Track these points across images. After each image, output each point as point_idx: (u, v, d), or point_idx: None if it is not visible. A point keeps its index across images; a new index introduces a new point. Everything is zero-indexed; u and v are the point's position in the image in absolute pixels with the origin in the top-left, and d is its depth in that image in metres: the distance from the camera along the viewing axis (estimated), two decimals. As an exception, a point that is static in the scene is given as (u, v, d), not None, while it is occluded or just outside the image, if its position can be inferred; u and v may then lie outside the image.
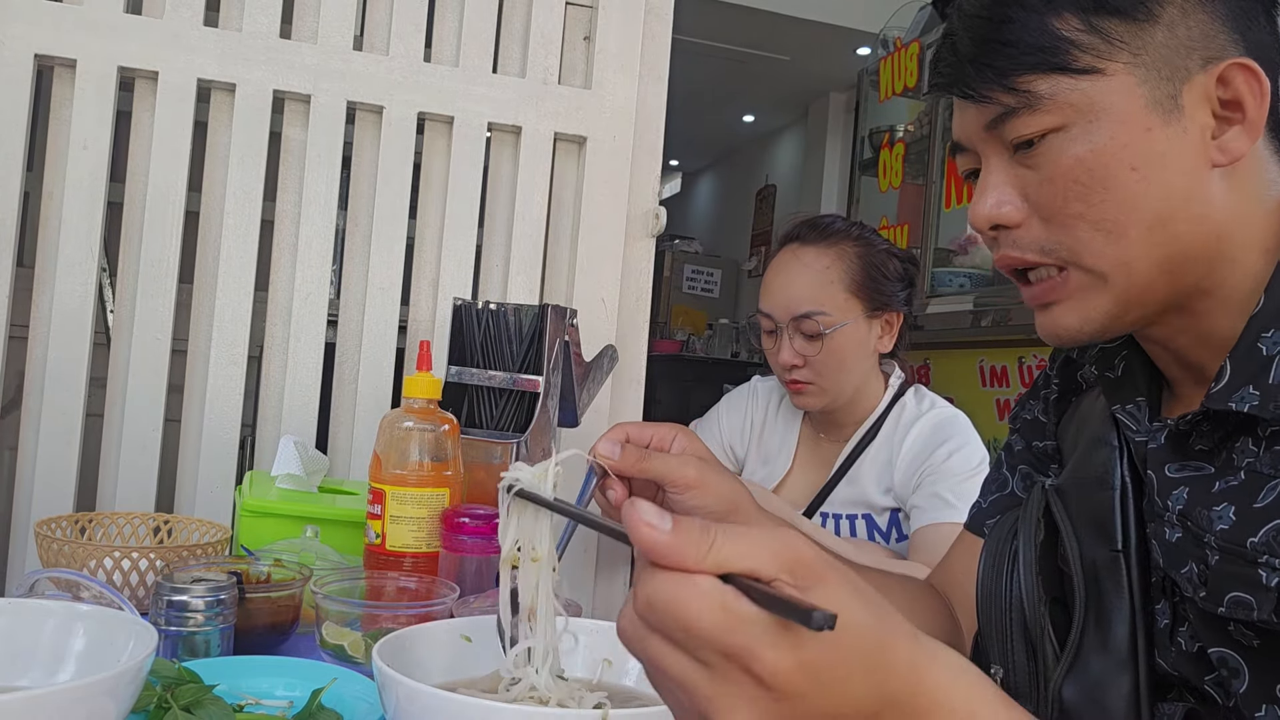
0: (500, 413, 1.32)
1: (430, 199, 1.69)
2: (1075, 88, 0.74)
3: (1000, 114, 0.76)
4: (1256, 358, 0.72)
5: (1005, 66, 0.75)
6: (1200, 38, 0.74)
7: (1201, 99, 0.74)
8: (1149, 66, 0.73)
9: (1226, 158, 0.74)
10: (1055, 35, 0.74)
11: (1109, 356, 0.87)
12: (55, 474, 1.48)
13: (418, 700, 0.66)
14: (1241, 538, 0.70)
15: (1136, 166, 0.73)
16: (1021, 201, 0.78)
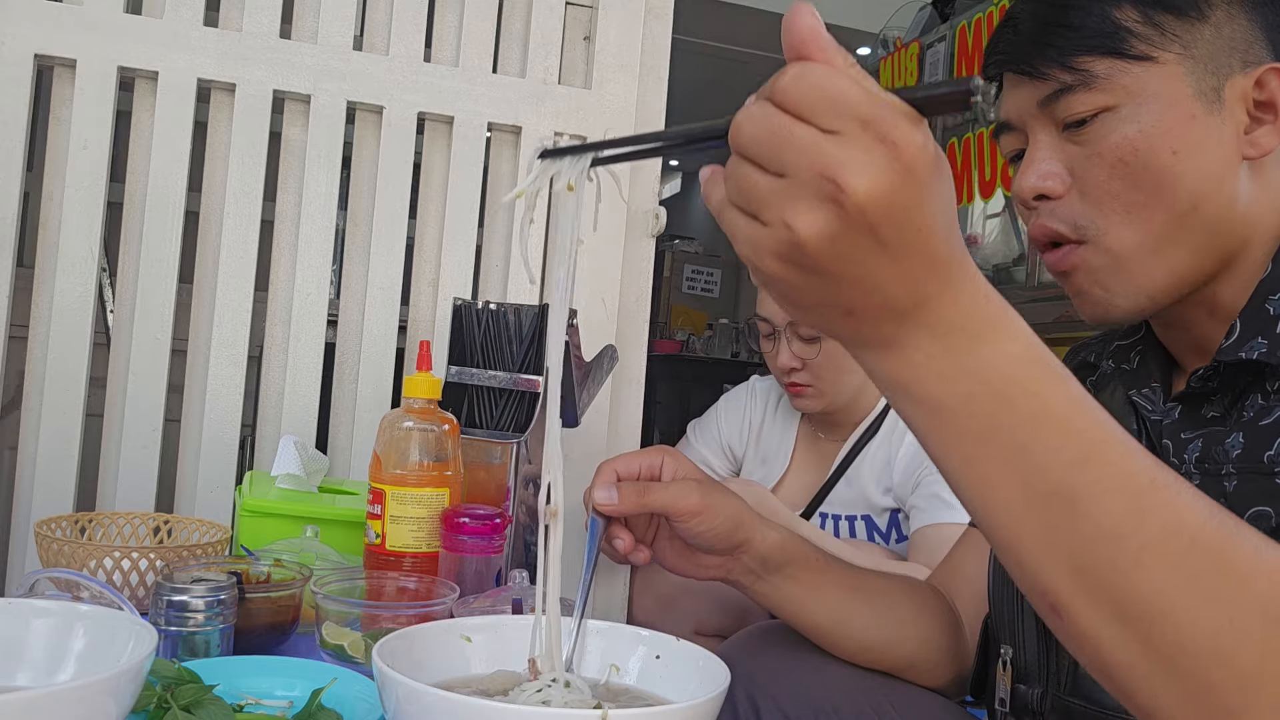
0: (500, 413, 1.32)
1: (430, 199, 1.68)
2: (1129, 71, 0.79)
3: (1056, 90, 0.81)
4: (1264, 316, 0.78)
5: (1066, 46, 0.81)
6: (1242, 41, 0.80)
7: (1239, 97, 0.80)
8: (1196, 60, 0.79)
9: (1257, 151, 0.80)
10: (1115, 23, 0.80)
11: (1125, 351, 0.92)
12: (55, 474, 1.48)
13: (418, 700, 0.66)
14: (1258, 455, 0.74)
15: (1177, 150, 0.78)
16: (1067, 175, 0.83)
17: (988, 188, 3.26)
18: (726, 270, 7.50)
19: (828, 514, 1.60)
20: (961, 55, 3.44)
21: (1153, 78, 0.79)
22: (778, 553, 0.95)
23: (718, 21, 5.06)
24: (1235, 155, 0.80)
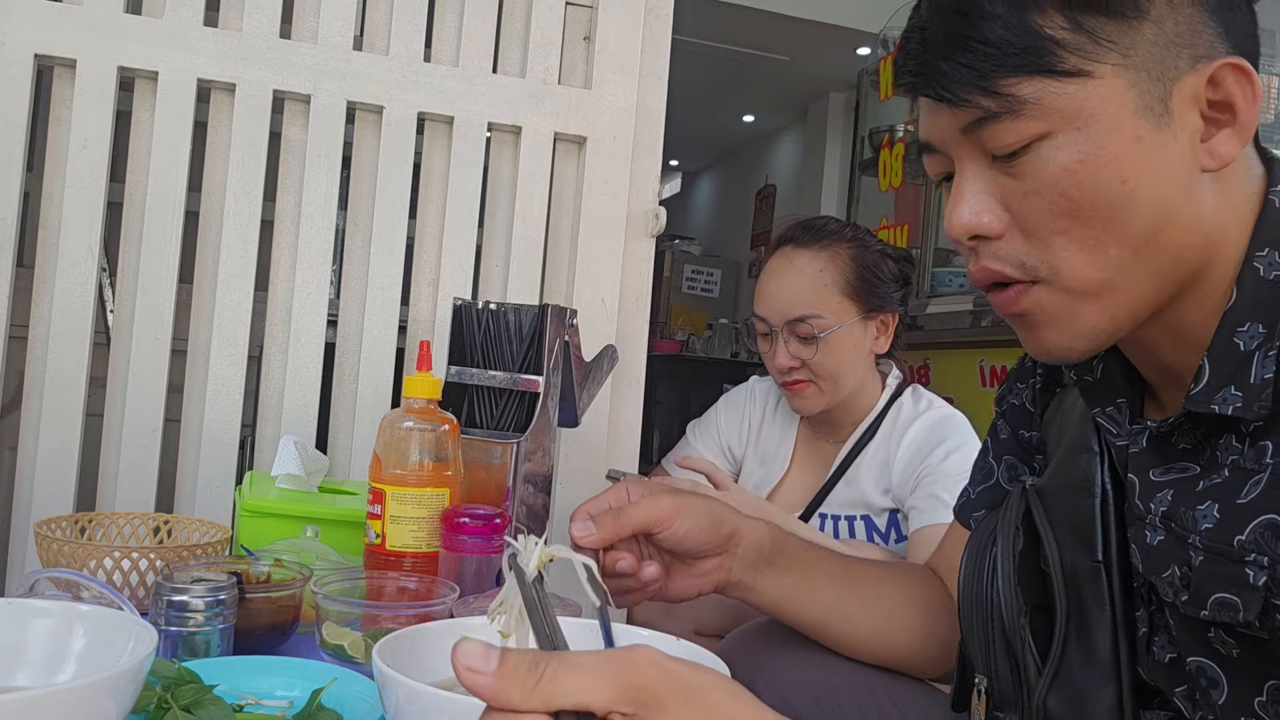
0: (500, 413, 1.32)
1: (430, 199, 1.69)
2: (1061, 92, 0.68)
3: (978, 118, 0.71)
4: (1234, 354, 0.70)
5: (985, 67, 0.69)
6: (1188, 33, 0.69)
7: (1190, 100, 0.70)
8: (1138, 68, 0.69)
9: (1217, 163, 0.70)
10: (1039, 34, 0.68)
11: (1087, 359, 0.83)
12: (55, 474, 1.48)
13: (418, 700, 0.66)
14: (1228, 536, 0.68)
15: (1127, 179, 0.69)
16: (1002, 210, 0.73)
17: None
18: (726, 270, 7.51)
19: (827, 514, 1.61)
20: (961, 55, 3.44)
21: (1089, 96, 0.68)
22: (768, 540, 0.95)
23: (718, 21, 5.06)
24: (1193, 170, 0.70)
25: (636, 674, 0.47)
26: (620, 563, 0.88)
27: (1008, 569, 0.86)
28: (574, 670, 0.46)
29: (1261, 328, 0.70)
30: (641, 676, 0.47)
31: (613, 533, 0.87)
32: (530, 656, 0.47)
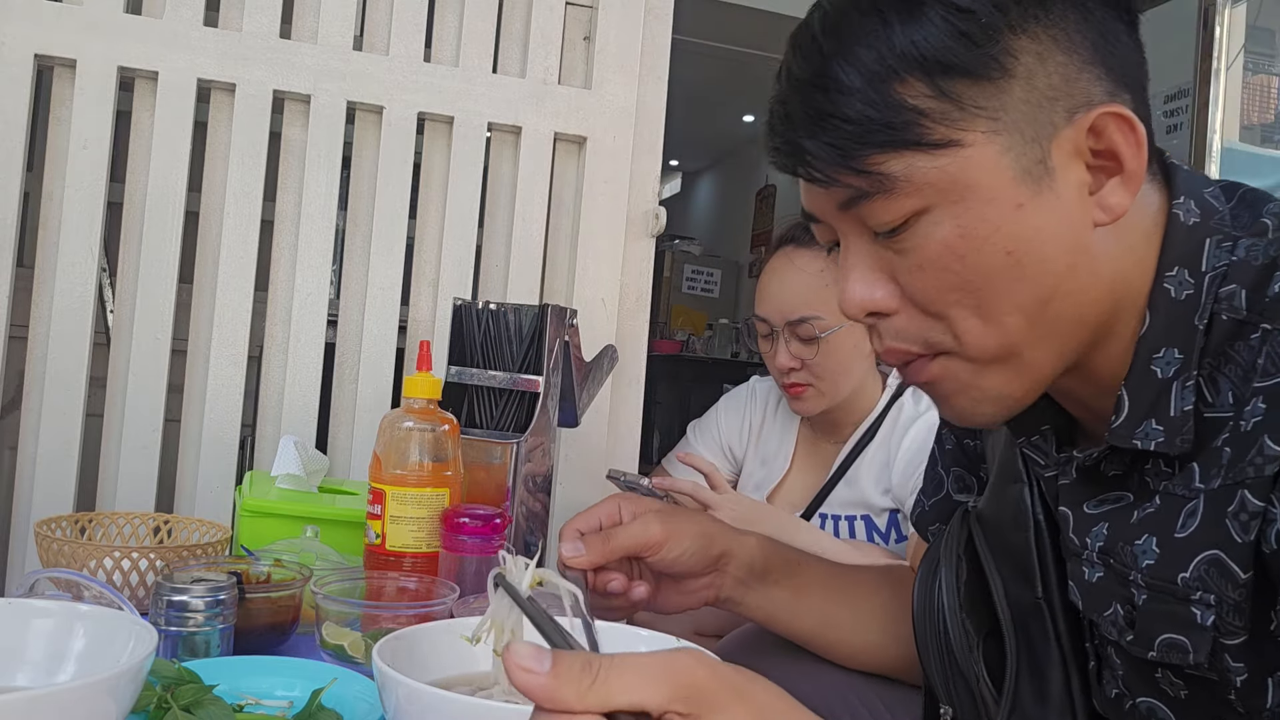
0: (500, 413, 1.32)
1: (430, 199, 1.69)
2: (933, 165, 0.65)
3: (851, 197, 0.68)
4: (1152, 382, 0.68)
5: (848, 146, 0.66)
6: (1062, 84, 0.66)
7: (1072, 154, 0.66)
8: (1011, 130, 0.65)
9: (1109, 216, 0.67)
10: (901, 105, 0.64)
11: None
12: (55, 474, 1.48)
13: (418, 700, 0.66)
14: (1171, 573, 0.65)
15: (1012, 250, 0.65)
16: (894, 285, 0.70)
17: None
18: (726, 270, 7.51)
19: (828, 514, 1.61)
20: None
21: (963, 166, 0.64)
22: (759, 556, 0.95)
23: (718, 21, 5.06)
24: (1083, 227, 0.67)
25: (690, 673, 0.47)
26: (611, 583, 0.88)
27: (953, 602, 0.85)
28: (628, 670, 0.46)
29: (1178, 352, 0.67)
30: (694, 676, 0.47)
31: (601, 555, 0.87)
32: (583, 657, 0.46)
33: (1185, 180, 0.71)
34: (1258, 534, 0.61)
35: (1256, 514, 0.61)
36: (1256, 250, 0.67)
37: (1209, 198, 0.71)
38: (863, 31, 0.66)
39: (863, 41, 0.66)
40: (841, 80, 0.66)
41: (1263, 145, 2.69)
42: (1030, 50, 0.65)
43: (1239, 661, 0.64)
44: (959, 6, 0.64)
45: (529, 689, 0.46)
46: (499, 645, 0.70)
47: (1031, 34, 0.65)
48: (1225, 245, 0.68)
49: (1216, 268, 0.68)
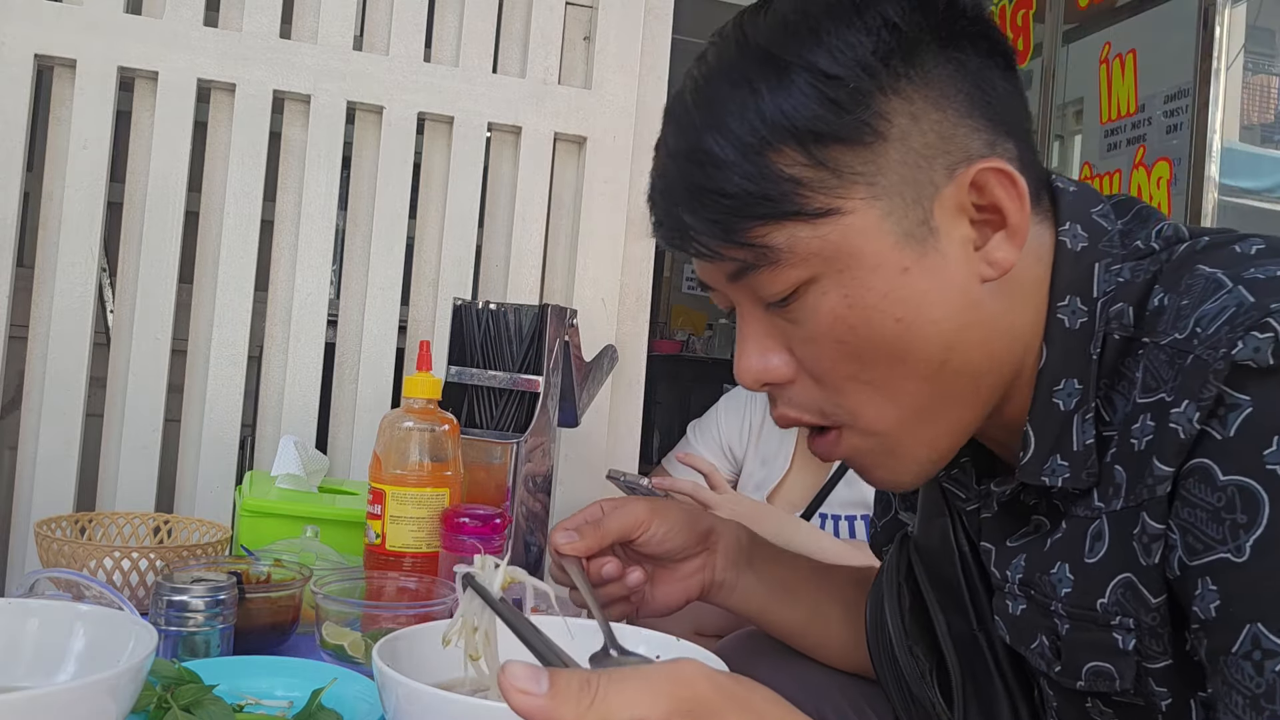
0: (500, 413, 1.32)
1: (430, 199, 1.68)
2: (815, 234, 0.64)
3: (737, 269, 0.66)
4: (1055, 416, 0.67)
5: (727, 221, 0.65)
6: (938, 141, 0.65)
7: (955, 211, 0.65)
8: (891, 193, 0.64)
9: (996, 271, 0.66)
10: (777, 176, 0.63)
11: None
12: (55, 474, 1.48)
13: (418, 701, 0.66)
14: (1089, 600, 0.65)
15: (901, 316, 0.64)
16: (789, 355, 0.69)
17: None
18: (726, 270, 7.49)
19: (827, 514, 1.61)
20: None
21: (845, 234, 0.63)
22: (745, 539, 0.95)
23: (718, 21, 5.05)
24: (972, 285, 0.66)
25: (689, 685, 0.47)
26: (606, 567, 0.88)
27: (899, 632, 0.85)
28: (626, 686, 0.46)
29: (1077, 383, 0.67)
30: (694, 687, 0.47)
31: (595, 541, 0.87)
32: (580, 675, 0.46)
33: (1071, 204, 0.70)
34: (1161, 557, 0.61)
35: (1158, 536, 0.61)
36: (1141, 269, 0.67)
37: (1097, 218, 0.70)
38: (733, 102, 0.65)
39: (733, 113, 0.65)
40: (716, 154, 0.65)
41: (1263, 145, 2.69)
42: (903, 111, 0.64)
43: (1163, 686, 0.63)
44: (826, 73, 0.63)
45: (527, 711, 0.45)
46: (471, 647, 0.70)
47: (904, 94, 0.64)
48: (1114, 268, 0.68)
49: (1107, 291, 0.67)
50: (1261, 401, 0.56)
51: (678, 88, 0.71)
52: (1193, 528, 0.58)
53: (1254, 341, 0.56)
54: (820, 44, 0.64)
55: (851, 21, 0.64)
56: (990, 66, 0.68)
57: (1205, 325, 0.60)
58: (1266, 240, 0.66)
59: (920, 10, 0.66)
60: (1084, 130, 2.96)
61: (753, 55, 0.66)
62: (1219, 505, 0.56)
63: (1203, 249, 0.66)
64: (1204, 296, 0.61)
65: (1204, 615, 0.57)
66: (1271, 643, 0.54)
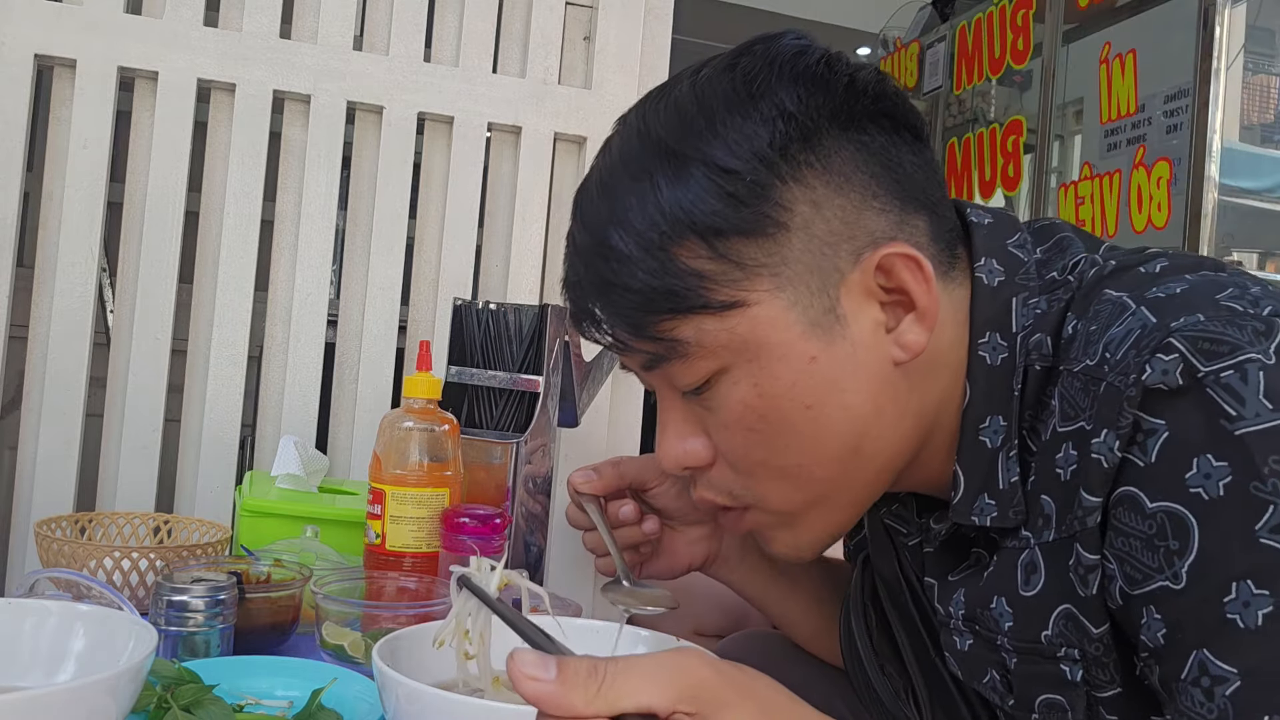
0: (500, 413, 1.32)
1: (430, 199, 1.68)
2: (722, 327, 0.64)
3: (650, 360, 0.67)
4: (983, 454, 0.67)
5: (634, 315, 0.65)
6: (842, 227, 0.65)
7: (863, 296, 0.65)
8: (796, 283, 0.64)
9: (909, 354, 0.66)
10: (682, 271, 0.64)
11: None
12: (55, 474, 1.48)
13: (418, 701, 0.66)
14: (1034, 633, 0.65)
15: (811, 404, 0.65)
16: (707, 439, 0.70)
17: (988, 187, 3.26)
18: (726, 270, 7.49)
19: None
20: (961, 55, 3.45)
21: (751, 326, 0.64)
22: None
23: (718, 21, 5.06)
24: (883, 368, 0.66)
25: (695, 673, 0.47)
26: (624, 509, 0.88)
27: (869, 655, 0.85)
28: (634, 673, 0.47)
29: (1002, 420, 0.67)
30: (700, 675, 0.47)
31: (612, 481, 0.88)
32: (588, 662, 0.47)
33: (985, 238, 0.70)
34: (1099, 588, 0.61)
35: (1093, 567, 0.60)
36: (1057, 299, 0.67)
37: (1013, 250, 0.70)
38: (634, 196, 0.65)
39: (634, 208, 0.65)
40: (620, 249, 0.65)
41: (1263, 145, 2.68)
42: (805, 199, 0.64)
43: (1114, 714, 0.63)
44: (723, 168, 0.63)
45: (536, 696, 0.46)
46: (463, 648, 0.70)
47: (805, 183, 0.64)
48: (1032, 302, 0.68)
49: (1025, 325, 0.67)
50: (1175, 424, 0.56)
51: (585, 176, 0.71)
52: (1129, 557, 0.58)
53: (1160, 364, 0.56)
54: (716, 136, 0.64)
55: (747, 112, 0.64)
56: (896, 143, 0.68)
57: (1114, 350, 0.60)
58: (1170, 258, 0.66)
59: (819, 95, 0.65)
60: (1084, 130, 2.96)
61: (652, 148, 0.66)
62: (1151, 533, 0.56)
63: (1110, 273, 0.66)
64: (1110, 320, 0.61)
65: (1152, 644, 0.57)
66: (1219, 668, 0.53)
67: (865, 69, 0.68)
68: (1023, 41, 3.15)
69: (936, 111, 3.62)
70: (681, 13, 1.85)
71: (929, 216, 0.68)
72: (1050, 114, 3.04)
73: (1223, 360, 0.55)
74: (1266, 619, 0.52)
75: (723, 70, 0.67)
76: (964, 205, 0.73)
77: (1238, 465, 0.54)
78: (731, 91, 0.66)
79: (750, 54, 0.68)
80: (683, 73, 0.70)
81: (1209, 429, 0.55)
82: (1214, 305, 0.58)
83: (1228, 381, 0.55)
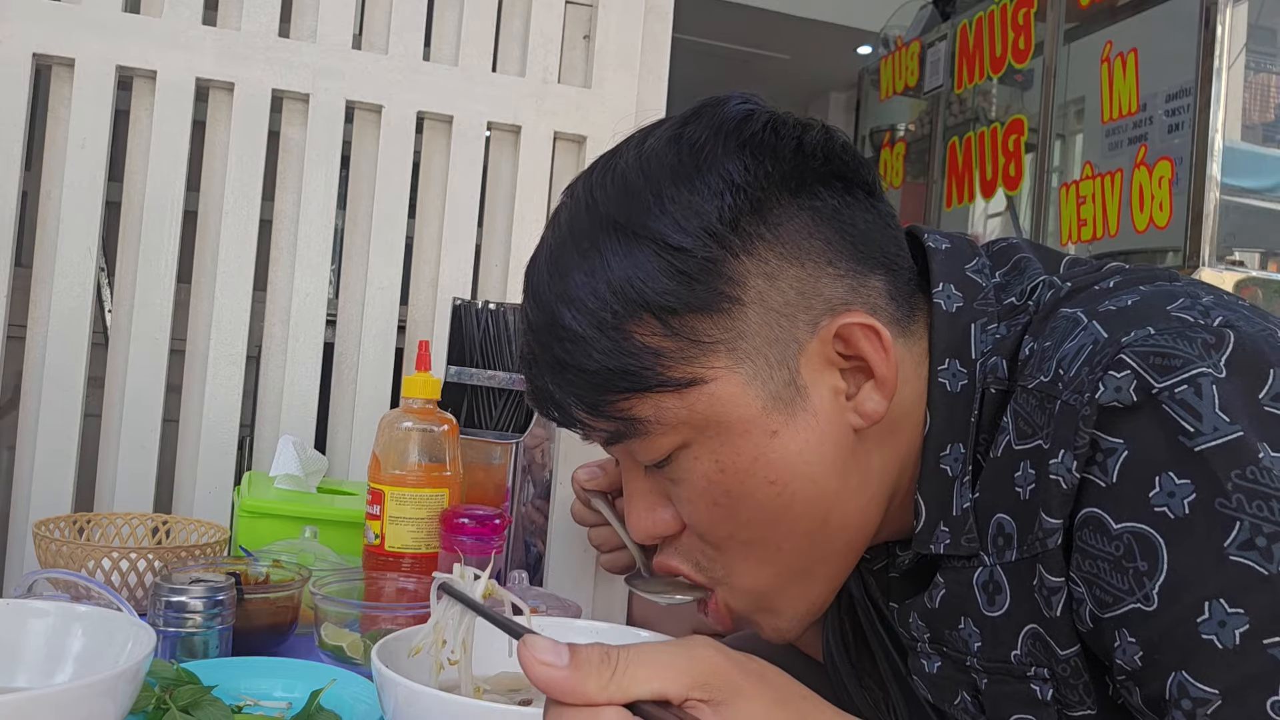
0: (500, 413, 1.31)
1: (429, 199, 1.68)
2: (681, 404, 0.63)
3: (610, 437, 0.67)
4: (943, 482, 0.66)
5: (590, 396, 0.65)
6: (798, 297, 0.64)
7: (822, 364, 0.65)
8: (754, 356, 0.63)
9: (868, 421, 0.65)
10: (637, 349, 0.63)
11: None
12: (53, 474, 1.48)
13: (417, 702, 0.65)
14: (1003, 653, 0.65)
15: (775, 479, 0.64)
16: (675, 510, 0.69)
17: (989, 187, 3.25)
18: (726, 270, 7.49)
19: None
20: (962, 54, 3.44)
21: (709, 402, 0.63)
22: None
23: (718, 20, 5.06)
24: (847, 436, 0.65)
25: (709, 660, 0.47)
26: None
27: (845, 666, 0.85)
28: (648, 660, 0.46)
29: (962, 447, 0.66)
30: (713, 662, 0.47)
31: (618, 477, 0.86)
32: (600, 650, 0.46)
33: (943, 264, 0.70)
34: (1065, 609, 0.60)
35: (1056, 589, 0.60)
36: (1016, 324, 0.66)
37: (971, 275, 0.69)
38: (584, 274, 0.64)
39: (585, 286, 0.64)
40: (573, 329, 0.64)
41: (1264, 144, 2.68)
42: (758, 272, 0.63)
43: None
44: (671, 245, 0.62)
45: (549, 682, 0.45)
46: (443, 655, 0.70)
47: (757, 255, 0.63)
48: (990, 328, 0.67)
49: (984, 351, 0.66)
50: (1134, 442, 0.55)
51: (535, 249, 0.69)
52: (1097, 579, 0.57)
53: (1113, 381, 0.56)
54: (665, 213, 0.63)
55: (694, 186, 0.63)
56: (849, 204, 0.67)
57: (1066, 366, 0.59)
58: (1124, 272, 0.66)
59: (766, 163, 0.64)
60: (1085, 129, 2.96)
61: (599, 222, 0.64)
62: (1118, 554, 0.56)
63: (1066, 294, 0.66)
64: (1063, 336, 0.61)
65: (1129, 667, 0.56)
66: (1198, 690, 0.53)
67: (812, 129, 0.67)
68: (1024, 40, 3.15)
69: (937, 111, 3.62)
70: (682, 11, 1.85)
71: (885, 275, 0.68)
72: (1051, 113, 3.04)
73: (1175, 375, 0.55)
74: (1244, 637, 0.51)
75: (668, 141, 0.66)
76: (921, 231, 0.72)
77: (1201, 482, 0.53)
78: (677, 163, 0.64)
79: (697, 120, 0.67)
80: (629, 140, 0.68)
81: (1169, 446, 0.54)
82: (1165, 317, 0.58)
83: (1182, 397, 0.54)
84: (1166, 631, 0.54)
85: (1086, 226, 2.82)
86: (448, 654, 0.69)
